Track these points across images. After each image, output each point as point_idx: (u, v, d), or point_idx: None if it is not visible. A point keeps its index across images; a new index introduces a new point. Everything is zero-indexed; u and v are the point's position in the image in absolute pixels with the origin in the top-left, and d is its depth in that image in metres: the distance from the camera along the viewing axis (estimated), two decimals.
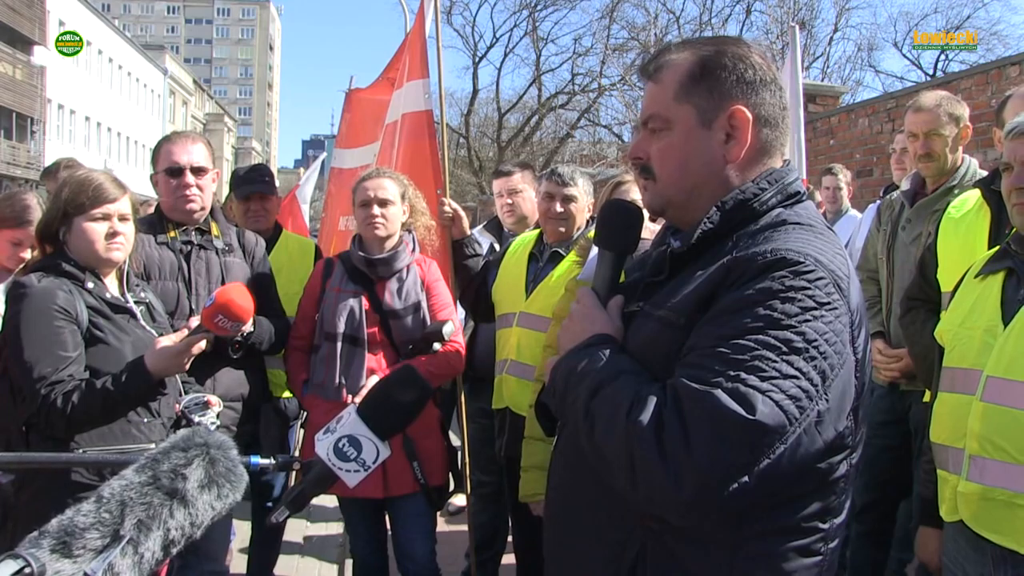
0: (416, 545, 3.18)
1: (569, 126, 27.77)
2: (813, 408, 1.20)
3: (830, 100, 9.06)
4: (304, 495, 1.36)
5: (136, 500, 1.02)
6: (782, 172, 1.44)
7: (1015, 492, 1.82)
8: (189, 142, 3.03)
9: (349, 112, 5.25)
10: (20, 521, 2.30)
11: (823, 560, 1.34)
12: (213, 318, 2.37)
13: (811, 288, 1.24)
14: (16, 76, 30.89)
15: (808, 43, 25.11)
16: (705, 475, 1.16)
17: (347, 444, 1.34)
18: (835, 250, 1.34)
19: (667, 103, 1.44)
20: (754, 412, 1.16)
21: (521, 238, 3.62)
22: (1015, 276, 2.01)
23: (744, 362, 1.20)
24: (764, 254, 1.28)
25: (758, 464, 1.16)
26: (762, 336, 1.21)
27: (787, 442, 1.18)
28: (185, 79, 58.01)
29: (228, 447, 1.12)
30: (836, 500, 1.35)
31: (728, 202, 1.39)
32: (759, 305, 1.23)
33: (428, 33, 4.06)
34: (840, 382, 1.25)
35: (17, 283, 2.37)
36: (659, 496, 1.20)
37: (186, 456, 1.08)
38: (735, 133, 1.41)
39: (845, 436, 1.31)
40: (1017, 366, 1.86)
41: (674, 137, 1.43)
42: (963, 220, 2.78)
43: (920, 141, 3.33)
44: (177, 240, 2.98)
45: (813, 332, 1.22)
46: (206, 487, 1.07)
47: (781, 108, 1.45)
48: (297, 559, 4.61)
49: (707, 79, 1.41)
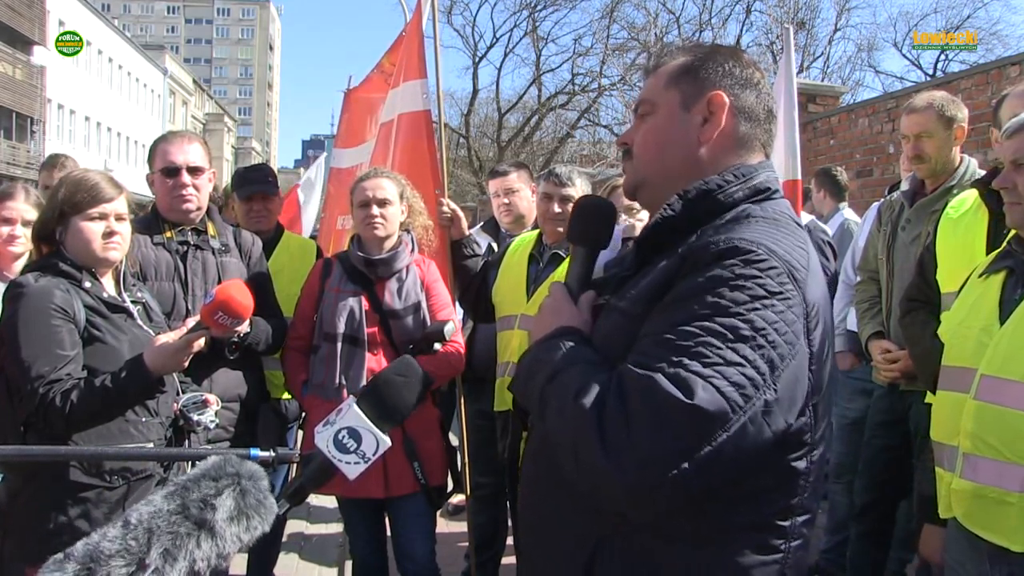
0: (416, 545, 3.18)
1: (569, 126, 27.79)
2: (760, 397, 1.19)
3: (830, 100, 9.05)
4: (304, 488, 1.35)
5: (163, 529, 1.01)
6: (752, 167, 1.45)
7: (1006, 490, 1.82)
8: (185, 142, 3.01)
9: (347, 112, 5.26)
10: (17, 527, 2.29)
11: (784, 558, 1.33)
12: (213, 314, 2.37)
13: (762, 277, 1.24)
14: (16, 76, 30.90)
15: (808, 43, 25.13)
16: (644, 459, 1.16)
17: (347, 436, 1.33)
18: (795, 243, 1.33)
19: (657, 90, 1.50)
20: (692, 396, 1.15)
21: (520, 239, 3.61)
22: (1015, 276, 2.01)
23: (688, 348, 1.20)
24: (717, 243, 1.29)
25: (699, 451, 1.15)
26: (708, 323, 1.21)
27: (730, 430, 1.16)
28: (185, 79, 58.02)
29: (259, 477, 1.11)
30: (799, 499, 1.34)
31: (691, 191, 1.41)
32: (708, 293, 1.24)
33: (426, 32, 4.06)
34: (791, 372, 1.23)
35: (14, 283, 2.37)
36: (601, 480, 1.20)
37: (216, 486, 1.07)
38: (711, 117, 1.45)
39: (804, 432, 1.30)
40: (1010, 365, 1.86)
41: (657, 119, 1.50)
42: (961, 220, 2.78)
43: (911, 143, 3.34)
44: (173, 240, 2.96)
45: (761, 320, 1.21)
46: (235, 519, 1.06)
47: (765, 110, 1.49)
48: (297, 559, 4.61)
49: (696, 70, 1.48)
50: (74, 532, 2.23)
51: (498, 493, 3.87)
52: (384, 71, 4.56)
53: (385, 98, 4.32)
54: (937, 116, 3.29)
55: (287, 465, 3.87)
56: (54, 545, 2.17)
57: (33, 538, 2.25)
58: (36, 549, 2.24)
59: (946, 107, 3.32)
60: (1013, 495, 1.81)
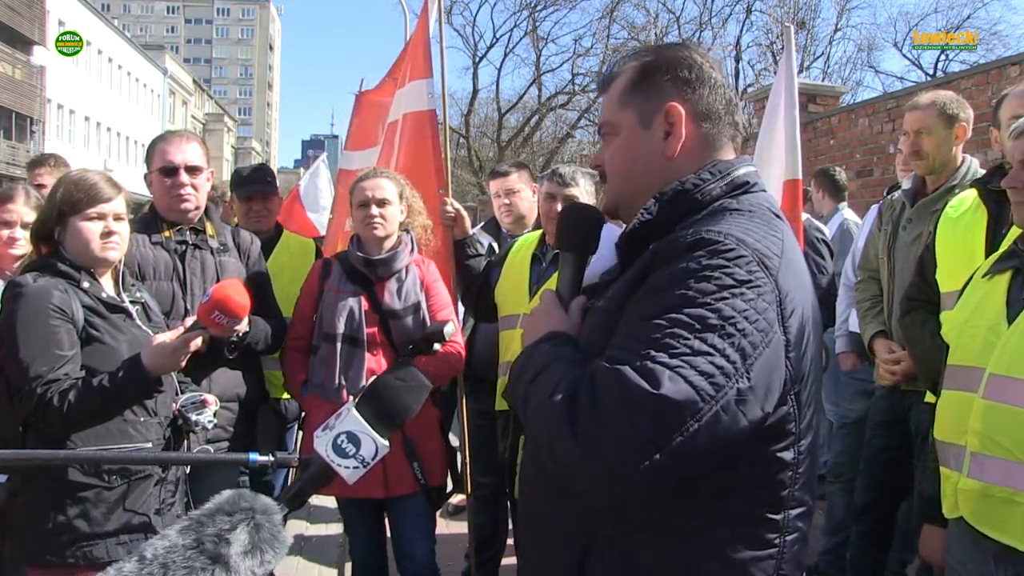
0: (416, 545, 3.18)
1: (569, 126, 27.81)
2: (732, 386, 1.19)
3: (830, 100, 9.06)
4: (303, 492, 1.35)
5: (179, 564, 1.02)
6: (729, 163, 1.45)
7: (1015, 489, 1.82)
8: (184, 141, 3.01)
9: (358, 115, 5.24)
10: (16, 527, 2.29)
11: (779, 552, 1.33)
12: (210, 314, 2.36)
13: (729, 266, 1.24)
14: (16, 76, 30.90)
15: (808, 43, 25.14)
16: (615, 451, 1.16)
17: (346, 440, 1.34)
18: (768, 231, 1.34)
19: (614, 110, 1.51)
20: (659, 387, 1.16)
21: (523, 239, 3.61)
22: (1021, 275, 2.00)
23: (656, 340, 1.20)
24: (685, 236, 1.30)
25: (670, 441, 1.15)
26: (675, 314, 1.22)
27: (702, 420, 1.16)
28: (185, 79, 58.01)
29: (272, 511, 1.12)
30: (789, 490, 1.34)
31: (667, 193, 1.42)
32: (676, 285, 1.24)
33: (431, 33, 4.05)
34: (765, 360, 1.23)
35: (13, 283, 2.36)
36: (575, 472, 1.21)
37: (231, 520, 1.08)
38: (671, 129, 1.45)
39: (787, 421, 1.30)
40: (1019, 364, 1.86)
41: (621, 140, 1.50)
42: (961, 220, 2.78)
43: (911, 139, 3.35)
44: (172, 240, 2.96)
45: (730, 309, 1.21)
46: (249, 553, 1.06)
47: (724, 103, 1.47)
48: (297, 559, 4.60)
49: (644, 83, 1.47)
50: (73, 532, 2.23)
51: (498, 493, 3.86)
52: (395, 77, 4.56)
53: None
54: (938, 114, 3.29)
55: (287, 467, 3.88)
56: (53, 545, 2.20)
57: (33, 538, 2.25)
58: (36, 549, 2.25)
59: (948, 105, 3.31)
60: (1022, 494, 1.80)
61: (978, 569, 1.94)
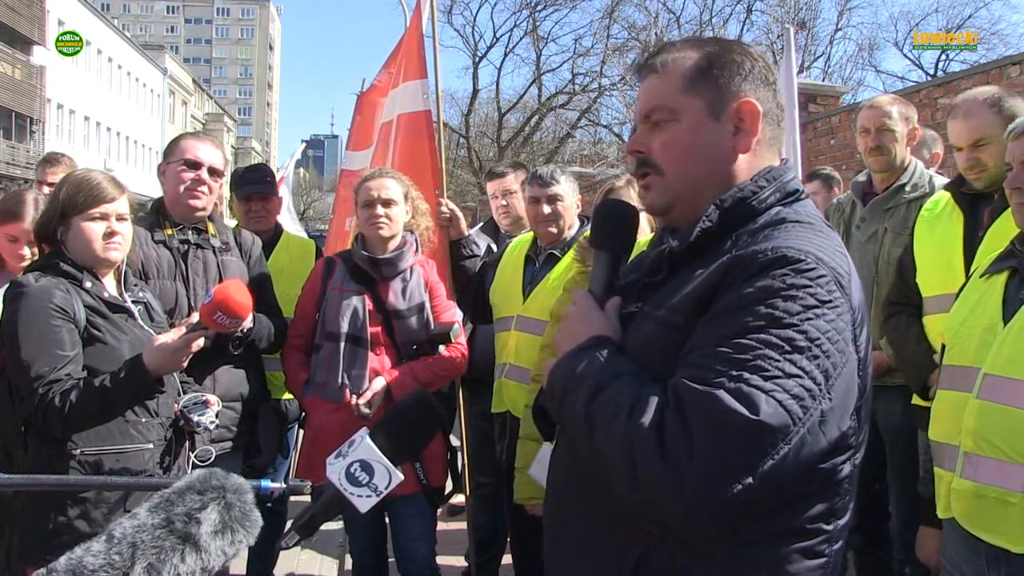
0: (416, 545, 3.18)
1: (569, 126, 27.81)
2: (816, 407, 1.19)
3: (831, 100, 9.04)
4: (315, 519, 1.34)
5: (148, 543, 1.00)
6: (780, 170, 1.44)
7: (1008, 490, 1.81)
8: (211, 144, 3.08)
9: (360, 115, 5.23)
10: (18, 525, 2.29)
11: (827, 562, 1.33)
12: (212, 315, 2.36)
13: (812, 286, 1.23)
14: (16, 76, 30.88)
15: (809, 43, 25.13)
16: (708, 477, 1.14)
17: (359, 469, 1.32)
18: (835, 247, 1.33)
19: (673, 95, 1.42)
20: (758, 412, 1.14)
21: (516, 241, 3.62)
22: (1018, 276, 2.01)
23: (746, 361, 1.18)
24: (764, 252, 1.27)
25: (762, 465, 1.14)
26: (764, 335, 1.19)
27: (791, 442, 1.16)
28: (185, 79, 57.96)
29: (244, 491, 1.10)
30: (840, 501, 1.34)
31: (727, 200, 1.38)
32: (760, 304, 1.22)
33: (426, 32, 4.06)
34: (843, 381, 1.23)
35: (15, 283, 2.36)
36: (661, 499, 1.18)
37: (202, 500, 1.06)
38: (743, 125, 1.41)
39: (848, 436, 1.30)
40: (1015, 364, 1.86)
41: (681, 128, 1.42)
42: (937, 222, 2.83)
43: (872, 135, 3.42)
44: (174, 238, 2.96)
45: (815, 331, 1.20)
46: (220, 533, 1.05)
47: (779, 108, 1.47)
48: (297, 558, 4.61)
49: (715, 72, 1.41)
50: (74, 532, 2.23)
51: (498, 493, 3.86)
52: (390, 68, 4.56)
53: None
54: (899, 113, 3.42)
55: (287, 463, 3.88)
56: (54, 545, 2.20)
57: (33, 538, 2.25)
58: (36, 549, 2.25)
59: (905, 107, 3.47)
60: (1015, 495, 1.80)
61: (972, 570, 1.94)
